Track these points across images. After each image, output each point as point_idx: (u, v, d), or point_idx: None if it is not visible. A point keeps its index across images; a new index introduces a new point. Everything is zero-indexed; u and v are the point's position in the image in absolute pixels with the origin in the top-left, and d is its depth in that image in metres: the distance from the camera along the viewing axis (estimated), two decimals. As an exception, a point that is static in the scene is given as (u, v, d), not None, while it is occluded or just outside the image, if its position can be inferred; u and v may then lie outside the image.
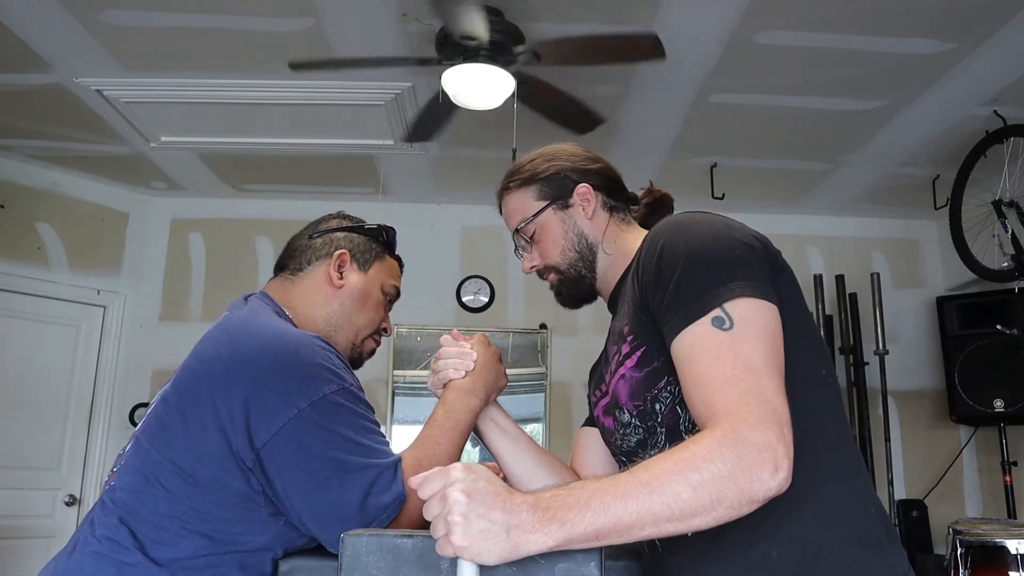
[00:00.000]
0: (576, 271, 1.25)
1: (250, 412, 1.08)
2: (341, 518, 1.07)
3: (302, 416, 1.08)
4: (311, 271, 1.37)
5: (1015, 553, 2.43)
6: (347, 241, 1.39)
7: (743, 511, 0.84)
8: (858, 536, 0.95)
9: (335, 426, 1.10)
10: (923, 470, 4.48)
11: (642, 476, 0.84)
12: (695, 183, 4.23)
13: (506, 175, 1.32)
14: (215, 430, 1.08)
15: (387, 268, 1.42)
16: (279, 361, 1.11)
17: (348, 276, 1.36)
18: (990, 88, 3.33)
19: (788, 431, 0.86)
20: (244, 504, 1.09)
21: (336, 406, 1.11)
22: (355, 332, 1.36)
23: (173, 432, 1.11)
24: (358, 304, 1.36)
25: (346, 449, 1.10)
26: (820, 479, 0.95)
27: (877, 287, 4.41)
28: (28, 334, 4.26)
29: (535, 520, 0.81)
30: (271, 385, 1.09)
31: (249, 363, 1.11)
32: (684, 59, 3.13)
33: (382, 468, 1.12)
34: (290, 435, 1.07)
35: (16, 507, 4.11)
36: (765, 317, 0.94)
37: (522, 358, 4.66)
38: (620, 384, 1.09)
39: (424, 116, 3.25)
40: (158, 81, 3.40)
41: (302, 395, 1.09)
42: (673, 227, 1.05)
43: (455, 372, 1.32)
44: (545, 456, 1.37)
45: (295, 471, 1.08)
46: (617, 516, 0.81)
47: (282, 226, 4.84)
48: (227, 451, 1.08)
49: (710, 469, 0.82)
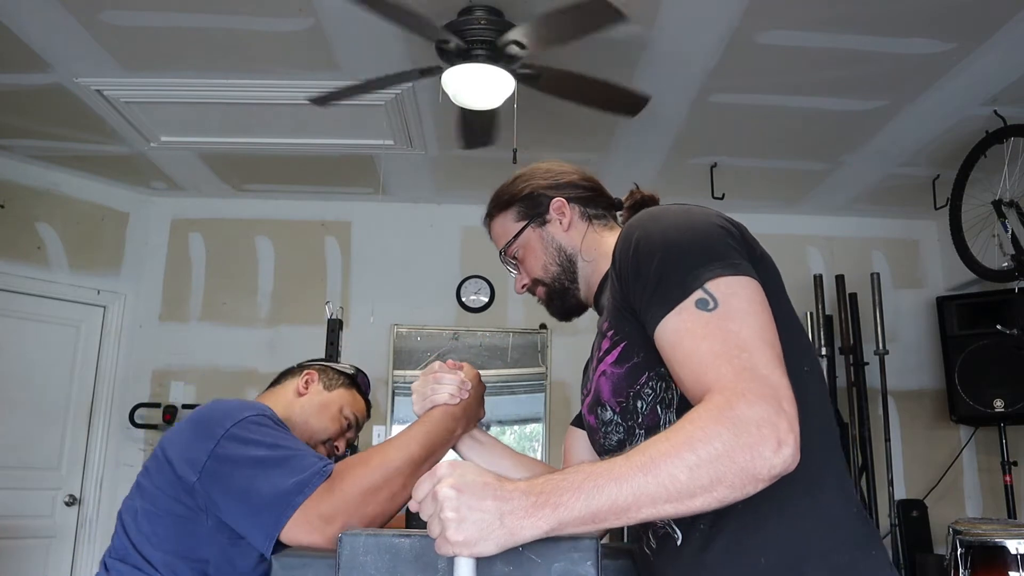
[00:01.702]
0: (560, 284, 1.28)
1: (190, 443, 1.29)
2: (269, 503, 1.18)
3: (229, 434, 1.27)
4: (286, 384, 1.65)
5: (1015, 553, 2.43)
6: (320, 369, 1.67)
7: (747, 490, 0.82)
8: (846, 539, 0.93)
9: (255, 436, 1.27)
10: (923, 470, 4.48)
11: (637, 459, 0.83)
12: (695, 183, 4.23)
13: (489, 202, 1.36)
14: (166, 467, 1.30)
15: (350, 397, 1.64)
16: (219, 406, 1.35)
17: (311, 388, 1.62)
18: (990, 88, 3.33)
19: (789, 404, 0.84)
20: (188, 524, 1.28)
21: (258, 423, 1.30)
22: (309, 434, 1.56)
23: (142, 483, 1.36)
24: (315, 412, 1.59)
25: (268, 449, 1.25)
26: (809, 483, 0.92)
27: (877, 287, 4.41)
28: (28, 334, 4.26)
29: (528, 505, 0.81)
30: (206, 421, 1.31)
31: (196, 414, 1.36)
32: (684, 59, 3.13)
33: (302, 453, 1.25)
34: (220, 453, 1.25)
35: (16, 507, 4.11)
36: (749, 291, 0.93)
37: (522, 358, 4.66)
38: (602, 381, 1.09)
39: (467, 124, 3.23)
40: (158, 81, 3.40)
41: (228, 418, 1.30)
42: (648, 218, 1.05)
43: (451, 398, 1.34)
44: (523, 459, 1.39)
45: (231, 481, 1.23)
46: (612, 498, 0.81)
47: (282, 226, 4.90)
48: (175, 480, 1.28)
49: (707, 449, 0.81)
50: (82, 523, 4.34)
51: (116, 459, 4.45)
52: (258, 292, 4.71)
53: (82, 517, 4.34)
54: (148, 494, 1.32)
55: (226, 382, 4.50)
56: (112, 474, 4.42)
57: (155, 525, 1.31)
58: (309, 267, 4.75)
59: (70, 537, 4.30)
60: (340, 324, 3.97)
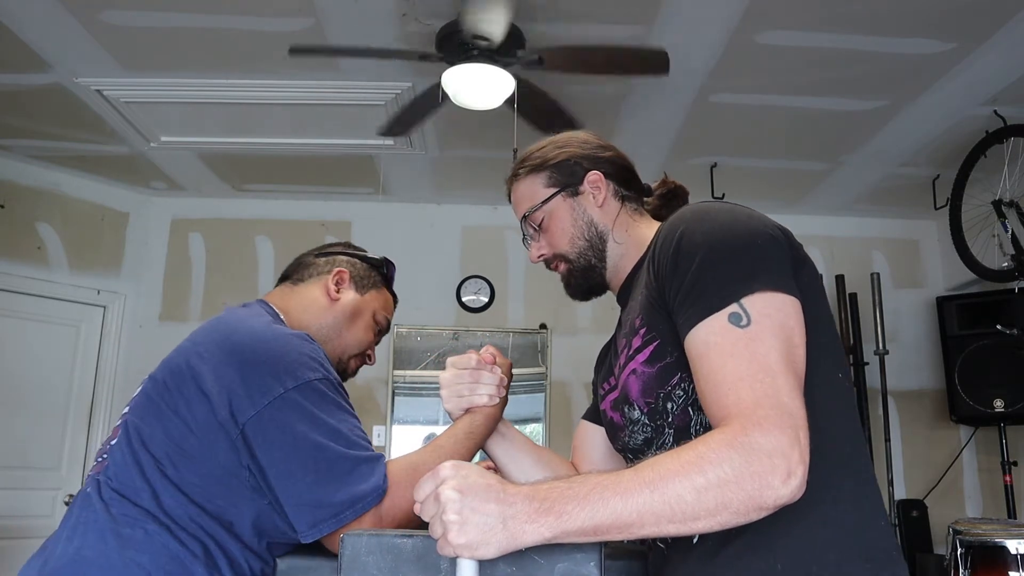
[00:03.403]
0: (586, 260, 1.21)
1: (239, 388, 1.11)
2: (315, 503, 1.08)
3: (287, 397, 1.11)
4: (311, 283, 1.42)
5: (1015, 553, 2.43)
6: (348, 263, 1.46)
7: (750, 517, 0.82)
8: (864, 552, 0.91)
9: (318, 411, 1.12)
10: (923, 470, 4.48)
11: (646, 474, 0.82)
12: (695, 183, 4.20)
13: (516, 162, 1.29)
14: (203, 403, 1.12)
15: (382, 299, 1.47)
16: (269, 347, 1.16)
17: (344, 293, 1.41)
18: (990, 88, 3.33)
19: (804, 435, 0.83)
20: (229, 479, 1.11)
21: (320, 393, 1.14)
22: (343, 348, 1.40)
23: (162, 407, 1.15)
24: (349, 321, 1.40)
25: (328, 435, 1.11)
26: (830, 492, 0.91)
27: (877, 287, 4.41)
28: (28, 334, 4.25)
29: (531, 510, 0.80)
30: (260, 366, 1.13)
31: (240, 346, 1.16)
32: (684, 59, 3.13)
33: (361, 459, 1.12)
34: (274, 414, 1.10)
35: (16, 507, 4.11)
36: (784, 313, 0.90)
37: (522, 358, 4.66)
38: (631, 379, 1.06)
39: (409, 111, 3.23)
40: (158, 81, 3.39)
41: (290, 376, 1.12)
42: (692, 216, 1.01)
43: (490, 400, 1.27)
44: (543, 454, 1.35)
45: (276, 450, 1.09)
46: (616, 513, 0.80)
47: (282, 226, 4.90)
48: (214, 423, 1.11)
49: (716, 472, 0.80)
50: (82, 523, 4.33)
51: (116, 459, 4.44)
52: (258, 292, 4.70)
53: (82, 517, 4.34)
54: (175, 428, 1.12)
55: (226, 382, 4.50)
56: (112, 474, 4.42)
57: (183, 470, 1.11)
58: (309, 267, 4.74)
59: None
60: (340, 324, 3.97)
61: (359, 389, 4.46)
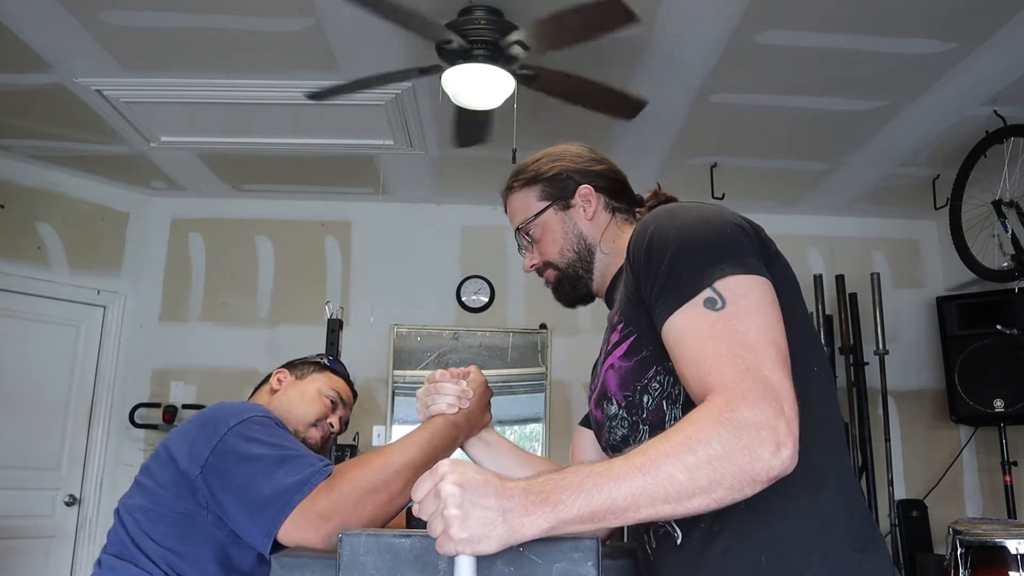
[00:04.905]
0: (574, 271, 1.27)
1: (198, 437, 1.31)
2: (268, 501, 1.18)
3: (231, 432, 1.29)
4: (261, 389, 1.73)
5: (1015, 553, 2.43)
6: (288, 366, 1.75)
7: (746, 492, 0.83)
8: (848, 541, 0.93)
9: (258, 435, 1.29)
10: (923, 470, 4.48)
11: (637, 459, 0.83)
12: (695, 183, 4.23)
13: (511, 174, 1.34)
14: (169, 463, 1.33)
15: (325, 379, 1.70)
16: (225, 408, 1.38)
17: (284, 382, 1.69)
18: (990, 88, 3.33)
19: (789, 407, 0.84)
20: (188, 522, 1.30)
21: (260, 424, 1.32)
22: (296, 418, 1.61)
23: (143, 481, 1.38)
24: (295, 400, 1.64)
25: (270, 448, 1.26)
26: (812, 484, 0.93)
27: (877, 287, 4.41)
28: (28, 334, 4.26)
29: (528, 503, 0.81)
30: (213, 420, 1.33)
31: (201, 413, 1.39)
32: (684, 59, 3.13)
33: (290, 456, 1.25)
34: (223, 448, 1.28)
35: (16, 507, 4.11)
36: (759, 292, 0.92)
37: (522, 358, 4.66)
38: (609, 374, 1.09)
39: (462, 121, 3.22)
40: (158, 81, 3.40)
41: (233, 417, 1.33)
42: (664, 213, 1.05)
43: (449, 408, 1.33)
44: (528, 457, 1.39)
45: (229, 477, 1.25)
46: (611, 498, 0.81)
47: (282, 226, 4.90)
48: (177, 473, 1.30)
49: (706, 450, 0.81)
50: (82, 523, 4.34)
51: (116, 459, 4.45)
52: (258, 292, 4.71)
53: (82, 517, 4.34)
54: (149, 492, 1.34)
55: (226, 382, 4.50)
56: (112, 474, 4.42)
57: (155, 523, 1.32)
58: (309, 267, 4.75)
59: (70, 537, 4.30)
60: (340, 324, 3.97)
61: (359, 389, 4.46)
